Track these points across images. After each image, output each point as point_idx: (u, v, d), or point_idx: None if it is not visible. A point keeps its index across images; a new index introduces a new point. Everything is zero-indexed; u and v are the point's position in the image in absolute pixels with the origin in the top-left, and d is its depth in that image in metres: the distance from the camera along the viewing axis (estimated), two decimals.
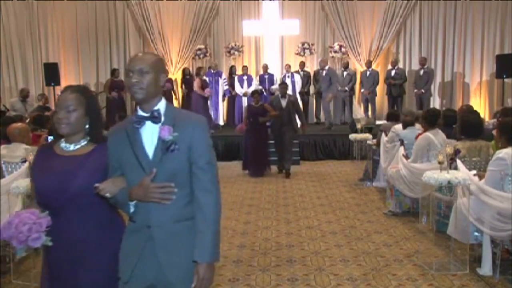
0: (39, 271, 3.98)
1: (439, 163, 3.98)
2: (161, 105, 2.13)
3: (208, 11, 13.29)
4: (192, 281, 1.99)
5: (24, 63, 13.48)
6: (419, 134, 5.65)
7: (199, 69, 12.00)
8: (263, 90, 12.07)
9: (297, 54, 13.20)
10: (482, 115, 9.74)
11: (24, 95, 10.89)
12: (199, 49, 13.40)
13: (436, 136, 5.33)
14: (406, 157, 5.68)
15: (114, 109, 12.20)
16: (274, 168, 8.98)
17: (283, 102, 8.61)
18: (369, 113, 12.55)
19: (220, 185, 2.10)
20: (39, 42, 13.51)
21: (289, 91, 10.38)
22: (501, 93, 12.07)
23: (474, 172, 4.22)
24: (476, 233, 4.02)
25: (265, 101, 11.13)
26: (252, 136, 8.67)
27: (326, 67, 11.82)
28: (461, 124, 4.90)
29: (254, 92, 8.99)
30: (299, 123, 9.03)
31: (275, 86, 12.04)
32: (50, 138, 5.43)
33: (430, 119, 5.49)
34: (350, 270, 4.13)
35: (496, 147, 4.41)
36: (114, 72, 12.46)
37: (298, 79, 12.08)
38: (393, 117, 7.69)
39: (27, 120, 7.51)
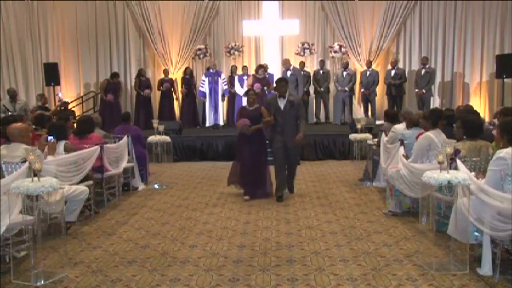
0: (39, 271, 4.00)
1: (439, 163, 3.98)
2: None
3: (208, 11, 13.30)
4: None
5: (24, 63, 13.49)
6: (420, 134, 5.65)
7: (259, 67, 11.55)
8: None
9: (297, 54, 13.20)
10: (482, 115, 9.76)
11: (11, 95, 10.75)
12: (199, 49, 13.42)
13: (437, 136, 5.33)
14: (406, 157, 5.68)
15: (109, 111, 12.20)
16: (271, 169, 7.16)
17: (281, 103, 6.80)
18: (369, 113, 12.57)
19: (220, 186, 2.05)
20: (39, 42, 13.52)
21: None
22: (501, 93, 12.08)
23: (473, 174, 4.22)
24: (476, 233, 4.02)
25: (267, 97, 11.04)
26: (245, 149, 6.91)
27: (291, 68, 11.65)
28: (464, 125, 4.89)
29: (248, 91, 7.20)
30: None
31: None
32: (50, 138, 5.44)
33: (435, 119, 5.49)
34: (350, 270, 4.13)
35: (497, 147, 4.41)
36: (113, 76, 12.41)
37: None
38: (390, 117, 7.69)
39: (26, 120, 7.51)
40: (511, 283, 3.73)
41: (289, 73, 11.47)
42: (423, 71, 12.23)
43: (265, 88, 11.29)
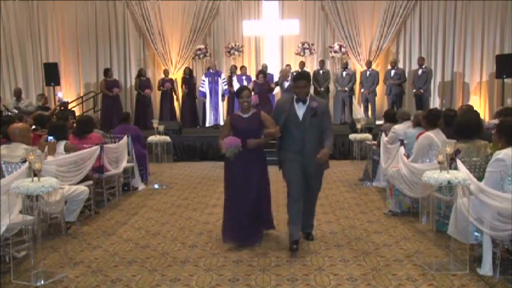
0: (39, 271, 4.00)
1: (439, 163, 3.98)
2: None
3: (208, 11, 13.31)
4: None
5: (24, 63, 13.50)
6: (420, 134, 5.67)
7: (259, 72, 11.45)
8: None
9: (297, 54, 13.21)
10: (482, 115, 9.77)
11: (17, 95, 10.85)
12: (199, 49, 13.43)
13: (437, 135, 5.36)
14: (407, 156, 5.70)
15: (111, 109, 12.23)
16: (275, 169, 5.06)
17: (300, 110, 4.62)
18: (369, 113, 12.57)
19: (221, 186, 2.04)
20: (39, 42, 13.53)
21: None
22: (501, 93, 12.09)
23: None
24: (476, 233, 4.02)
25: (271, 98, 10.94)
26: (236, 174, 4.74)
27: (288, 79, 11.54)
28: (455, 126, 4.90)
29: (242, 91, 4.80)
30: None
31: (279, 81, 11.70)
32: (50, 138, 5.44)
33: (432, 119, 5.55)
34: (350, 270, 4.13)
35: (495, 148, 4.40)
36: (107, 72, 12.47)
37: None
38: (390, 117, 7.70)
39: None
40: (511, 283, 3.73)
41: (286, 84, 11.43)
42: (420, 71, 12.27)
43: (269, 94, 11.25)
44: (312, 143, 4.62)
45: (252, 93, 10.93)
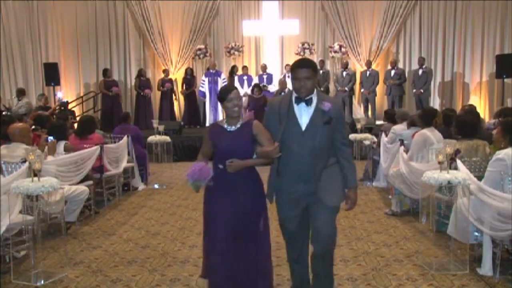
0: (39, 271, 4.00)
1: (439, 163, 3.98)
2: None
3: (208, 11, 13.31)
4: None
5: (24, 63, 13.49)
6: (416, 132, 5.75)
7: (255, 86, 11.64)
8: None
9: (297, 54, 13.19)
10: (482, 115, 9.76)
11: (18, 95, 10.87)
12: (199, 49, 13.42)
13: (432, 133, 5.48)
14: (407, 152, 5.74)
15: (111, 109, 12.24)
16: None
17: (302, 115, 3.11)
18: (369, 113, 12.57)
19: None
20: (39, 42, 13.52)
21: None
22: (501, 93, 12.08)
23: None
24: (476, 233, 4.02)
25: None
26: (221, 207, 3.16)
27: (286, 89, 11.55)
28: (457, 124, 4.95)
29: (230, 91, 3.27)
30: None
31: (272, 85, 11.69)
32: (50, 138, 5.44)
33: (427, 118, 5.66)
34: (350, 270, 4.13)
35: (495, 148, 4.40)
36: (106, 72, 12.47)
37: None
38: (390, 117, 7.71)
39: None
40: (511, 283, 3.73)
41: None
42: (420, 71, 12.26)
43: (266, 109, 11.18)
44: (319, 163, 3.11)
45: (247, 103, 10.94)
